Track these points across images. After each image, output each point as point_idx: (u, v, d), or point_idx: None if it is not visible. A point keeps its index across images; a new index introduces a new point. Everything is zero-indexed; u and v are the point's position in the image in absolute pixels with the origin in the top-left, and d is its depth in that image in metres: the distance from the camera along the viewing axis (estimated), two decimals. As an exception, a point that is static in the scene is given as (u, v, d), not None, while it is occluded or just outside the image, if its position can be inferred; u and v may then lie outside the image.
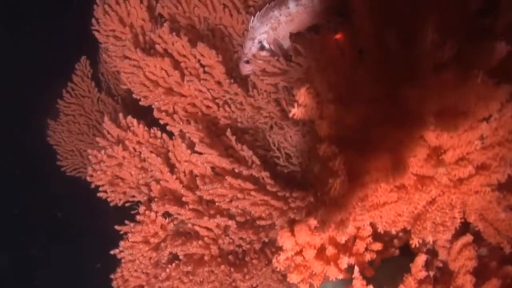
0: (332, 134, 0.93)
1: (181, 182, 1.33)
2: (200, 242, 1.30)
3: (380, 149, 0.86)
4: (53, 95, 1.70)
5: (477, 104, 0.75)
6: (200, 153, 1.29)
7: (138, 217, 1.29)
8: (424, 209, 0.96)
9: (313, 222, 1.08)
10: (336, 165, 0.87)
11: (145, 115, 1.42)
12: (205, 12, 1.40)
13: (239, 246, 1.38)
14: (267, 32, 1.26)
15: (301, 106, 1.04)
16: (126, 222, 1.35)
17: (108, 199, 1.40)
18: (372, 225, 1.09)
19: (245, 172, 1.23)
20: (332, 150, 0.89)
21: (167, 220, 1.33)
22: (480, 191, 0.89)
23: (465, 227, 1.04)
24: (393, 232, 1.11)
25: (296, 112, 1.03)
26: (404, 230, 1.13)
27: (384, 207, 0.95)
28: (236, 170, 1.24)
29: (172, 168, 1.36)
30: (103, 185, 1.38)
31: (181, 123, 1.35)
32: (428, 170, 0.90)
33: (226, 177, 1.21)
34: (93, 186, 1.38)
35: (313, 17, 1.27)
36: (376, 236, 1.13)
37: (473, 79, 0.73)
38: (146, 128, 1.35)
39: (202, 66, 1.31)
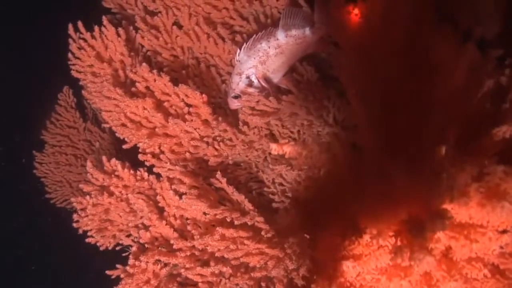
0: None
1: (171, 226, 1.26)
2: (195, 289, 1.24)
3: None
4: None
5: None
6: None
7: (128, 269, 1.23)
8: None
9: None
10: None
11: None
12: (188, 42, 1.29)
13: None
14: (255, 67, 1.16)
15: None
16: (118, 266, 1.30)
17: (97, 244, 1.34)
18: None
19: (238, 222, 1.15)
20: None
21: (159, 266, 1.27)
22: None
23: None
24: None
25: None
26: None
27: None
28: (228, 219, 1.17)
29: (162, 210, 1.29)
30: (90, 230, 1.32)
31: (168, 163, 1.27)
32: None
33: (217, 228, 1.14)
34: (80, 232, 1.31)
35: (306, 48, 1.16)
36: None
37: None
38: (132, 171, 1.27)
39: (187, 105, 1.21)
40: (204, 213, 1.22)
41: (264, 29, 1.27)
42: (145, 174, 1.29)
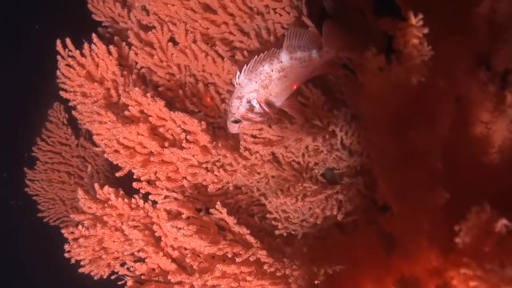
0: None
1: (169, 257, 1.19)
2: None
3: None
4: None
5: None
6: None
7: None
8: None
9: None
10: None
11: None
12: (184, 60, 1.20)
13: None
14: (256, 91, 1.07)
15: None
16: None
17: (91, 274, 1.27)
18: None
19: (239, 260, 1.08)
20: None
21: (157, 298, 1.20)
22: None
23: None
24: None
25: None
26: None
27: None
28: (230, 255, 1.09)
29: (159, 239, 1.22)
30: (83, 260, 1.25)
31: (165, 190, 1.19)
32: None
33: (218, 265, 1.07)
34: (73, 261, 1.25)
35: (312, 71, 1.07)
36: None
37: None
38: (126, 199, 1.19)
39: (184, 131, 1.13)
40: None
41: (266, 49, 1.18)
42: (141, 202, 1.21)
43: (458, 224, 0.57)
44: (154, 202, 1.22)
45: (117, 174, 1.17)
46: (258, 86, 1.06)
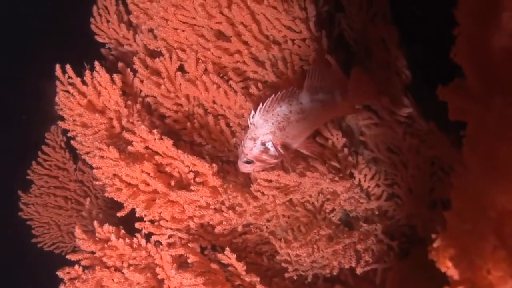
0: None
1: (172, 302, 1.11)
2: None
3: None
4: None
5: None
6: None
7: None
8: None
9: None
10: None
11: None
12: (194, 92, 1.12)
13: None
14: (272, 133, 0.99)
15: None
16: None
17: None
18: None
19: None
20: None
21: None
22: None
23: None
24: None
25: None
26: None
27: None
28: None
29: (161, 282, 1.14)
30: (80, 300, 1.17)
31: (169, 231, 1.11)
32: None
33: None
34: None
35: (333, 114, 0.99)
36: None
37: None
38: (127, 239, 1.11)
39: (192, 171, 1.05)
40: None
41: (282, 81, 1.10)
42: (143, 242, 1.13)
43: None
44: (158, 241, 1.15)
45: (118, 214, 1.09)
46: (275, 128, 0.98)
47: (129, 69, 1.16)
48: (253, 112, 0.99)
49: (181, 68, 1.14)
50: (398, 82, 1.07)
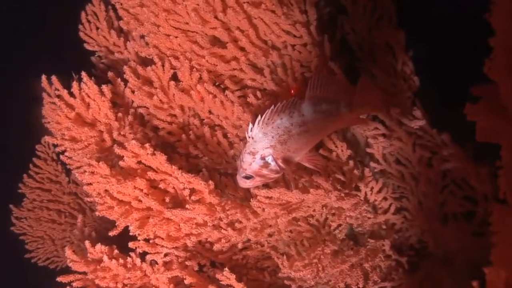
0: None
1: (169, 325, 1.05)
2: None
3: None
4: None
5: None
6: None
7: None
8: None
9: None
10: None
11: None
12: (189, 102, 1.05)
13: None
14: (273, 147, 0.92)
15: None
16: None
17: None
18: None
19: None
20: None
21: None
22: None
23: None
24: None
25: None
26: None
27: None
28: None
29: (157, 303, 1.08)
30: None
31: (165, 249, 1.05)
32: None
33: None
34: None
35: (338, 125, 0.92)
36: None
37: None
38: (121, 259, 1.05)
39: (187, 188, 0.99)
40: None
41: (282, 89, 1.03)
42: (138, 261, 1.07)
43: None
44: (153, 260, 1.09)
45: (110, 234, 1.03)
46: (275, 142, 0.91)
47: (119, 79, 1.09)
48: (251, 125, 0.93)
49: (174, 77, 1.08)
50: (406, 89, 1.01)
